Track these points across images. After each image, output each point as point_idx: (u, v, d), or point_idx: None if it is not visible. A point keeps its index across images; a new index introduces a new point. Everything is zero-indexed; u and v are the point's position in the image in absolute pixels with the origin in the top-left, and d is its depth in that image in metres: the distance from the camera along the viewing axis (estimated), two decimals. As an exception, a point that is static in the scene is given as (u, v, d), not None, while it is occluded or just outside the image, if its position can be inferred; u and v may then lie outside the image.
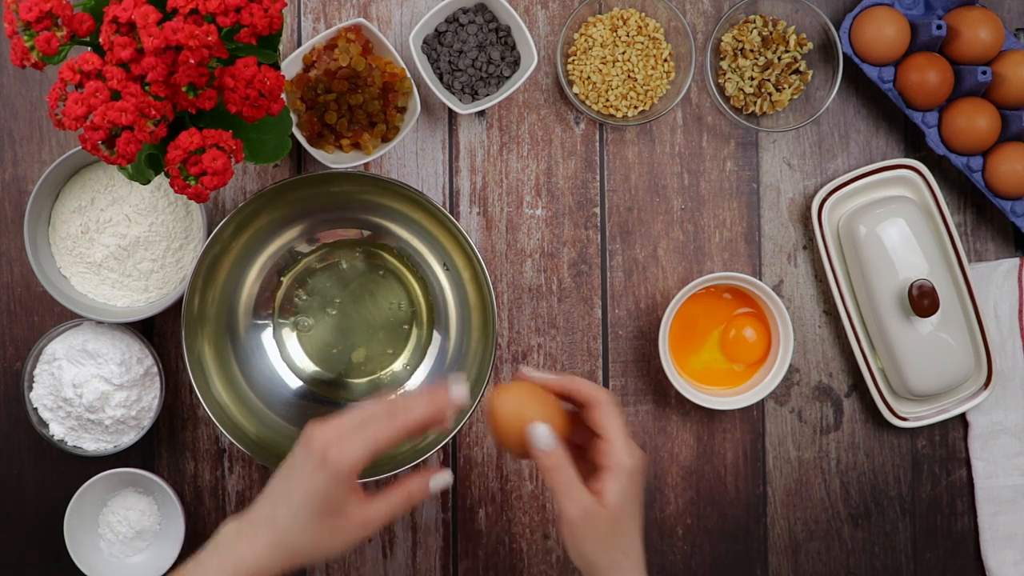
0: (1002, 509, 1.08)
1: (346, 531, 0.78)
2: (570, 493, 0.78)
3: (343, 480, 0.76)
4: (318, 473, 0.76)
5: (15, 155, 1.06)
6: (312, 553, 0.78)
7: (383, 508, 0.79)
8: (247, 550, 0.78)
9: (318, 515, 0.77)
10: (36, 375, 1.01)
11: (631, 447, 0.80)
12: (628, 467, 0.79)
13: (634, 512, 0.81)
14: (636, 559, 0.81)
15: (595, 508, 0.78)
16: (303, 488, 0.77)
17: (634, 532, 0.81)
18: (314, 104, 1.01)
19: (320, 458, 0.76)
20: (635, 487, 0.80)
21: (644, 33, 1.06)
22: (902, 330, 1.04)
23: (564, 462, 0.79)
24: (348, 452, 0.76)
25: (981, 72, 1.02)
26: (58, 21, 0.76)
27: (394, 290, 1.06)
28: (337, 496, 0.76)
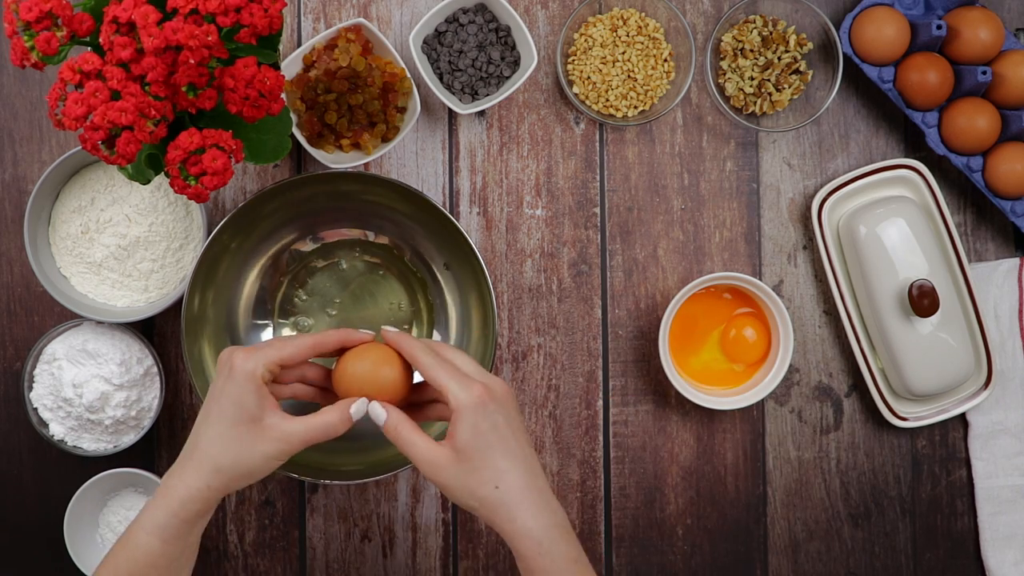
0: (1002, 509, 1.08)
1: (265, 440, 0.80)
2: (414, 449, 0.81)
3: (249, 383, 0.80)
4: (227, 383, 0.80)
5: (15, 155, 1.06)
6: (235, 466, 0.80)
7: (302, 426, 0.81)
8: (176, 481, 0.80)
9: (233, 422, 0.80)
10: (36, 375, 1.01)
11: (465, 383, 0.80)
12: (466, 402, 0.79)
13: (494, 443, 0.79)
14: (516, 488, 0.79)
15: (439, 454, 0.79)
16: (218, 400, 0.81)
17: (501, 462, 0.79)
18: (314, 104, 1.01)
19: (227, 369, 0.81)
20: (485, 418, 0.79)
21: (644, 33, 1.06)
22: (902, 330, 1.04)
23: (400, 424, 0.82)
24: (252, 357, 0.81)
25: (981, 72, 1.02)
26: (58, 21, 0.76)
27: (394, 290, 1.06)
28: (247, 400, 0.80)
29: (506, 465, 0.79)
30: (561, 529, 0.80)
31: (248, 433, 0.80)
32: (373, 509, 1.07)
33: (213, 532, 1.07)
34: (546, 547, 0.78)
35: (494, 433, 0.79)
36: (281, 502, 1.07)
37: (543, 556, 0.78)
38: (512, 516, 0.79)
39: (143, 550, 0.80)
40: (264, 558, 1.07)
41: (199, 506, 0.80)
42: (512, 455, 0.80)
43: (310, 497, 1.07)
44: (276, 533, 1.07)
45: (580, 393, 1.08)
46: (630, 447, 1.08)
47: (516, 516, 0.79)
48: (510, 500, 0.79)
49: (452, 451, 0.79)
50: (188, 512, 0.80)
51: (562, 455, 1.08)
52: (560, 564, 0.78)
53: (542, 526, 0.79)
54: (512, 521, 0.79)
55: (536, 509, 0.79)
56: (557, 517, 0.80)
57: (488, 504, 0.79)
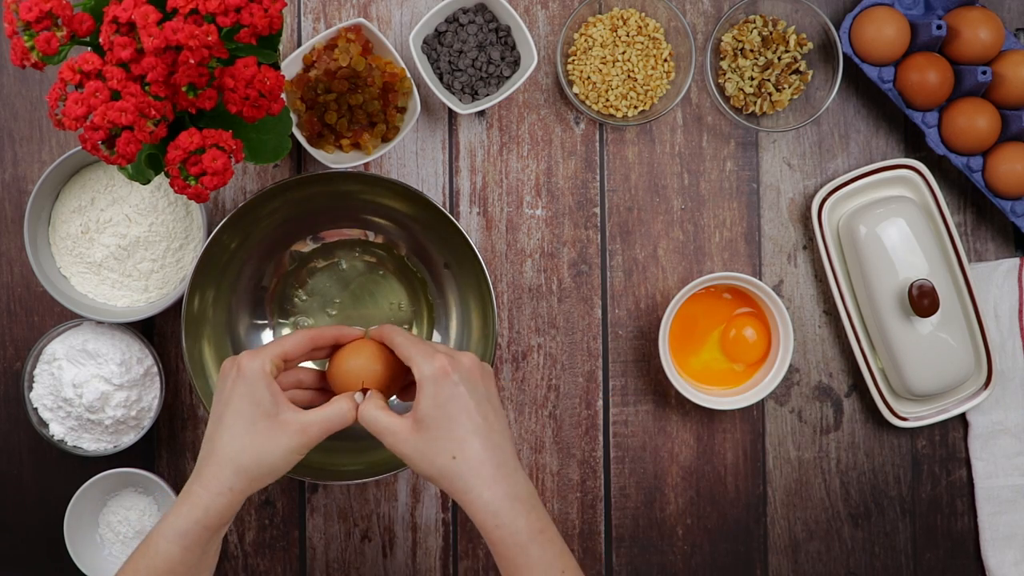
0: (1002, 509, 1.08)
1: (284, 433, 0.80)
2: (376, 423, 0.82)
3: (261, 379, 0.81)
4: (237, 384, 0.81)
5: (15, 155, 1.06)
6: (258, 464, 0.80)
7: (318, 416, 0.82)
8: (198, 488, 0.80)
9: (251, 421, 0.80)
10: (36, 375, 1.01)
11: (429, 355, 0.81)
12: (428, 374, 0.80)
13: (454, 413, 0.79)
14: (475, 458, 0.78)
15: (399, 425, 0.80)
16: (230, 402, 0.81)
17: (458, 432, 0.79)
18: (314, 104, 1.01)
19: (235, 372, 0.82)
20: (446, 389, 0.79)
21: (644, 33, 1.06)
22: (902, 330, 1.04)
23: (367, 402, 0.83)
24: (258, 356, 0.82)
25: (981, 72, 1.02)
26: (58, 21, 0.76)
27: (394, 290, 1.06)
28: (261, 396, 0.80)
29: (465, 436, 0.79)
30: (521, 502, 0.78)
31: (267, 429, 0.80)
32: (373, 509, 1.07)
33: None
34: (503, 519, 0.77)
35: (454, 403, 0.79)
36: (281, 502, 1.07)
37: (499, 528, 0.77)
38: (468, 487, 0.78)
39: (163, 557, 0.79)
40: (264, 558, 1.07)
41: (223, 511, 0.80)
42: (474, 426, 0.79)
43: (310, 497, 1.07)
44: (276, 533, 1.07)
45: (580, 393, 1.08)
46: (630, 447, 1.08)
47: (472, 487, 0.78)
48: (467, 471, 0.78)
49: (412, 421, 0.80)
50: (211, 519, 0.79)
51: (562, 455, 1.08)
52: (519, 537, 0.77)
53: (499, 497, 0.78)
54: (468, 492, 0.78)
55: (493, 481, 0.78)
56: (518, 489, 0.79)
57: (446, 474, 0.79)
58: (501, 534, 0.77)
